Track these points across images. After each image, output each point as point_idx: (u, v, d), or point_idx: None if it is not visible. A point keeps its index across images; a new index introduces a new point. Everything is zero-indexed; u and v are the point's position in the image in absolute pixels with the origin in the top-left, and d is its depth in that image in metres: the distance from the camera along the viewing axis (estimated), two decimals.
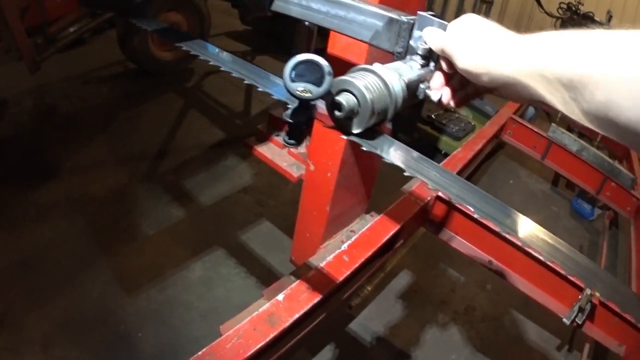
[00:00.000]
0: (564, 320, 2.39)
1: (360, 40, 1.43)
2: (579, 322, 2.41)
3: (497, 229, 2.51)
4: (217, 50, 1.72)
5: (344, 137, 1.10)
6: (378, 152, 1.13)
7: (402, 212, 2.63)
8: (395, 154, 1.15)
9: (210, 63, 1.59)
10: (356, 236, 2.37)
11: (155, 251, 3.68)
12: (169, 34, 1.93)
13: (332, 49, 2.24)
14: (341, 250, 2.26)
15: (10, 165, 4.24)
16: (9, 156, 4.35)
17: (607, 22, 8.07)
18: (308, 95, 0.96)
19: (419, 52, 1.24)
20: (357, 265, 2.21)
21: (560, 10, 8.56)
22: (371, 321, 3.55)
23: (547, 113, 6.75)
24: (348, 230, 2.78)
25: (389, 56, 1.35)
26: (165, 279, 3.47)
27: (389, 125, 2.33)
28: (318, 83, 0.96)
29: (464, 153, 3.43)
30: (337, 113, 1.03)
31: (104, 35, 6.64)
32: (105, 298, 3.27)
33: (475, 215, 1.14)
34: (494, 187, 5.56)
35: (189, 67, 6.43)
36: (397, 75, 1.09)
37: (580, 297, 2.45)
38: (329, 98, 1.03)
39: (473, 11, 10.86)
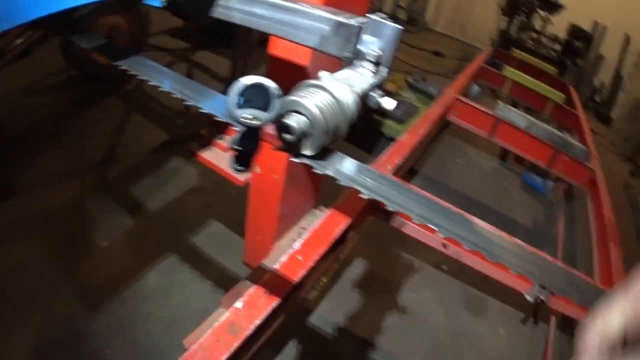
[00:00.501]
0: (527, 297, 2.37)
1: (308, 47, 1.36)
2: (542, 297, 2.37)
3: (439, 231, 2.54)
4: (157, 66, 1.65)
5: (294, 159, 1.03)
6: (331, 173, 1.06)
7: (352, 203, 2.57)
8: (349, 174, 1.09)
9: (150, 83, 1.51)
10: (308, 233, 2.32)
11: (111, 263, 3.61)
12: (108, 51, 1.85)
13: (273, 49, 2.18)
14: (294, 250, 2.20)
15: None
16: None
17: None
18: (256, 122, 0.89)
19: (370, 58, 1.17)
20: (311, 263, 2.17)
21: None
22: (330, 313, 3.54)
23: (492, 90, 6.75)
24: (299, 227, 2.76)
25: (335, 59, 1.29)
26: (125, 291, 3.41)
27: None
28: (266, 107, 0.89)
29: (410, 138, 3.37)
30: (287, 136, 0.96)
31: (49, 44, 6.50)
32: (71, 317, 3.19)
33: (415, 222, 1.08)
34: (442, 167, 5.59)
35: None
36: (348, 89, 1.03)
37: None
38: (279, 121, 0.95)
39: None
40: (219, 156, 2.97)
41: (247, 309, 1.86)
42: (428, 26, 11.26)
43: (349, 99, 1.00)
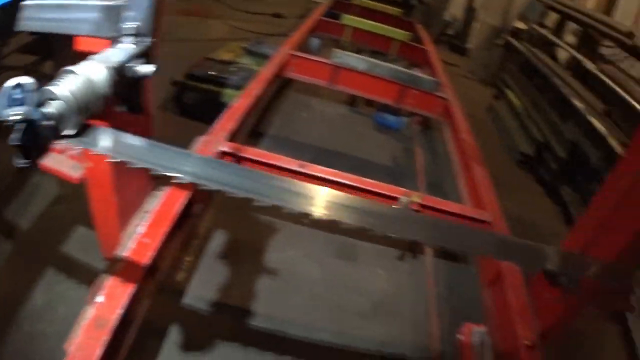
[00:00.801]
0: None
1: (88, 35, 1.47)
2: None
3: (292, 167, 2.65)
4: None
5: (58, 142, 1.14)
6: (90, 147, 1.16)
7: None
8: (105, 143, 1.19)
9: None
10: (150, 215, 2.40)
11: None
12: None
13: (77, 46, 2.26)
14: (139, 234, 2.28)
15: None
16: None
17: None
18: (20, 117, 1.00)
19: (128, 32, 1.29)
20: (159, 243, 2.24)
21: None
22: (202, 290, 3.61)
23: (335, 41, 6.87)
24: (142, 212, 2.80)
25: None
26: (18, 314, 3.41)
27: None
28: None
29: (243, 101, 3.44)
30: (46, 123, 1.07)
31: None
32: None
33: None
34: (289, 124, 5.67)
35: None
36: (101, 66, 1.14)
37: (395, 206, 2.52)
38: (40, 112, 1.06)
39: None
40: (57, 159, 2.99)
41: (108, 300, 1.94)
42: None
43: (99, 76, 1.12)
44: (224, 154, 2.83)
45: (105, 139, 1.18)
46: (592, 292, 2.00)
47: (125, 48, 1.27)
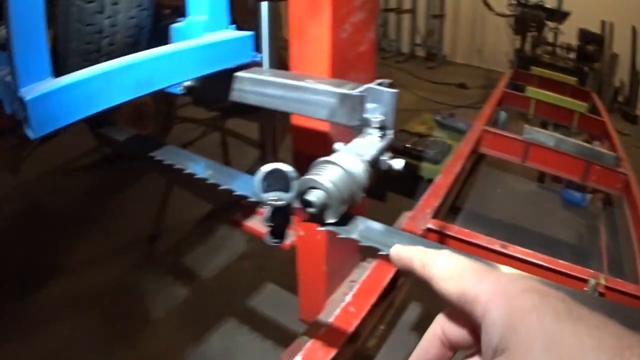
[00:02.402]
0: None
1: (319, 119, 1.49)
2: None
3: (494, 247, 2.63)
4: (188, 154, 1.78)
5: (321, 228, 1.16)
6: (354, 237, 1.18)
7: None
8: (371, 235, 1.20)
9: (185, 172, 1.65)
10: (357, 286, 2.43)
11: (170, 333, 3.70)
12: (139, 143, 1.99)
13: (295, 119, 2.32)
14: (346, 303, 2.31)
15: (4, 270, 4.21)
16: (2, 261, 4.33)
17: (558, 6, 8.12)
18: (280, 202, 1.04)
19: (375, 124, 1.31)
20: (364, 313, 2.27)
21: (510, 7, 8.57)
22: (390, 358, 3.55)
23: (521, 113, 6.77)
24: (349, 281, 2.84)
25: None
26: (187, 357, 3.50)
27: None
28: (287, 188, 1.04)
29: (445, 179, 3.47)
30: (309, 209, 1.10)
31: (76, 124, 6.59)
32: None
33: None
34: (483, 200, 5.62)
35: (163, 143, 6.17)
36: (357, 159, 1.16)
37: (585, 289, 2.45)
38: (301, 198, 1.10)
39: (426, 28, 10.96)
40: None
41: None
42: (447, 59, 11.29)
43: (358, 169, 1.14)
44: (429, 230, 2.86)
45: (357, 226, 1.19)
46: None
47: (372, 141, 1.28)
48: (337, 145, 1.26)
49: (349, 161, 1.14)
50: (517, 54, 8.26)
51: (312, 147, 2.39)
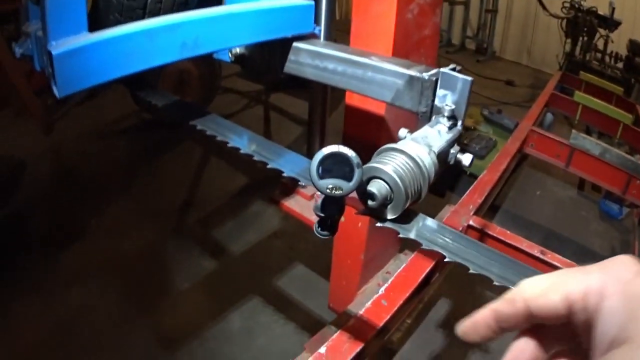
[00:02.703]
0: None
1: (382, 101, 1.35)
2: None
3: (534, 252, 2.55)
4: (232, 126, 1.64)
5: (379, 224, 1.02)
6: (413, 237, 1.04)
7: None
8: (431, 236, 1.07)
9: (229, 145, 1.51)
10: (392, 278, 2.32)
11: (191, 305, 3.63)
12: (180, 109, 1.86)
13: (349, 99, 2.18)
14: (379, 295, 2.21)
15: (34, 230, 4.21)
16: (33, 221, 4.33)
17: (611, 14, 7.97)
18: (339, 192, 0.89)
19: (445, 113, 1.16)
20: (396, 308, 2.16)
21: (564, 10, 8.44)
22: (414, 354, 3.45)
23: (565, 117, 6.67)
24: (384, 272, 2.74)
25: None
26: (205, 332, 3.40)
27: None
28: (347, 176, 0.89)
29: (490, 175, 3.36)
30: (370, 202, 0.96)
31: (115, 87, 6.53)
32: (148, 358, 3.21)
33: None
34: (522, 201, 5.49)
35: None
36: (426, 149, 1.02)
37: None
38: (361, 188, 0.95)
39: (479, 22, 10.80)
40: (301, 204, 2.97)
41: (331, 353, 1.87)
42: (497, 54, 11.14)
43: (427, 160, 1.00)
44: (469, 227, 2.75)
45: (419, 224, 1.05)
46: None
47: (440, 131, 1.13)
48: (403, 132, 1.12)
49: (417, 152, 1.00)
50: (567, 57, 8.12)
51: (365, 131, 2.26)
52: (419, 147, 1.01)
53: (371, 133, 2.23)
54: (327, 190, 0.89)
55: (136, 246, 4.09)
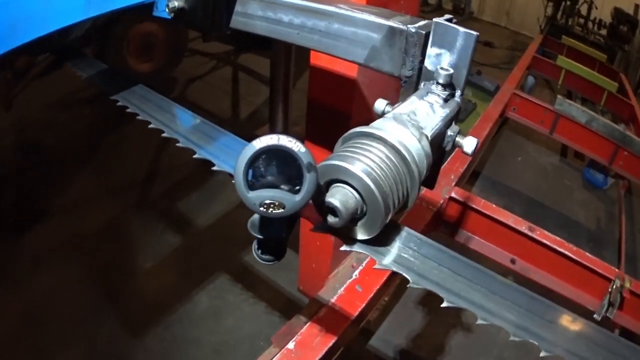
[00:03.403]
0: (595, 316, 2.27)
1: (353, 62, 1.00)
2: (610, 317, 2.28)
3: (521, 229, 2.41)
4: (163, 101, 1.32)
5: (345, 248, 0.68)
6: (394, 268, 0.72)
7: (415, 220, 2.40)
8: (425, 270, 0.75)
9: (151, 126, 1.18)
10: (367, 260, 2.11)
11: (156, 286, 3.40)
12: (106, 80, 1.55)
13: (315, 59, 1.84)
14: (352, 280, 2.02)
15: None
16: None
17: None
18: (278, 212, 0.54)
19: (440, 79, 0.81)
20: (372, 294, 1.97)
21: None
22: (392, 334, 3.26)
23: (546, 80, 6.57)
24: (358, 254, 2.44)
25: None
26: (171, 315, 3.19)
27: None
28: (293, 181, 0.54)
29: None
30: (330, 219, 0.60)
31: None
32: (113, 344, 3.01)
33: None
34: (503, 167, 5.34)
35: (171, 76, 6.00)
36: (416, 134, 0.66)
37: (610, 289, 2.30)
38: (317, 199, 0.59)
39: None
40: None
41: (301, 349, 1.72)
42: (474, 15, 10.98)
43: (417, 151, 0.65)
44: (451, 199, 2.62)
45: (399, 245, 0.73)
46: None
47: (433, 104, 0.78)
48: (380, 104, 0.77)
49: (403, 138, 0.64)
50: (549, 21, 8.02)
51: (334, 99, 1.94)
52: (404, 131, 0.66)
53: (341, 101, 1.92)
54: (261, 209, 0.54)
55: (99, 224, 3.83)
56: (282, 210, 0.54)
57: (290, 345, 1.70)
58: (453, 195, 2.58)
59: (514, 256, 2.51)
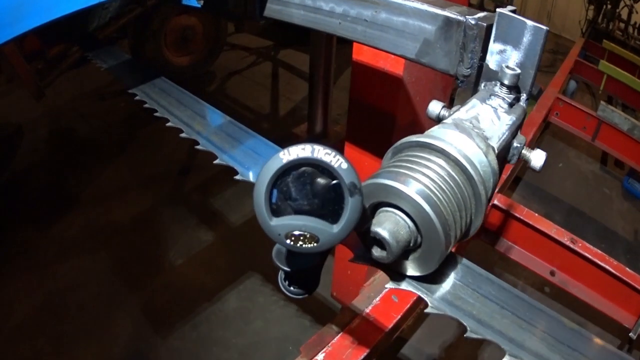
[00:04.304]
0: (631, 335, 2.20)
1: (402, 57, 0.87)
2: None
3: (563, 240, 2.29)
4: (187, 99, 1.21)
5: (391, 285, 0.55)
6: (450, 314, 0.59)
7: None
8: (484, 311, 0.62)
9: (168, 124, 1.08)
10: None
11: (185, 282, 3.32)
12: (127, 73, 1.45)
13: (357, 54, 1.71)
14: (388, 290, 1.84)
15: (29, 198, 3.92)
16: (28, 187, 4.04)
17: None
18: (310, 246, 0.41)
19: (505, 80, 0.67)
20: (408, 305, 1.84)
21: None
22: (425, 343, 3.13)
23: (586, 84, 6.38)
24: None
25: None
26: (199, 314, 3.09)
27: None
28: (329, 206, 0.41)
29: None
30: (377, 253, 0.47)
31: (122, 42, 6.26)
32: (136, 340, 2.93)
33: None
34: (544, 173, 5.15)
35: (209, 70, 5.98)
36: (483, 145, 0.53)
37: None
38: (360, 226, 0.46)
39: None
40: None
41: None
42: None
43: (484, 166, 0.51)
44: (493, 207, 2.50)
45: (454, 281, 0.60)
46: None
47: (497, 109, 0.64)
48: (436, 106, 0.64)
49: (467, 150, 0.51)
50: (590, 25, 7.84)
51: (377, 97, 1.79)
52: (468, 143, 0.52)
53: (385, 101, 1.77)
54: (289, 242, 0.42)
55: (130, 216, 3.79)
56: (315, 245, 0.41)
57: (320, 356, 1.61)
58: (496, 202, 2.45)
59: (553, 268, 2.42)
